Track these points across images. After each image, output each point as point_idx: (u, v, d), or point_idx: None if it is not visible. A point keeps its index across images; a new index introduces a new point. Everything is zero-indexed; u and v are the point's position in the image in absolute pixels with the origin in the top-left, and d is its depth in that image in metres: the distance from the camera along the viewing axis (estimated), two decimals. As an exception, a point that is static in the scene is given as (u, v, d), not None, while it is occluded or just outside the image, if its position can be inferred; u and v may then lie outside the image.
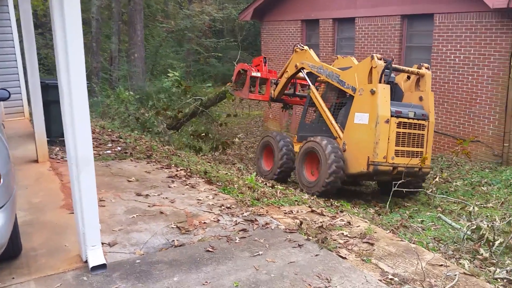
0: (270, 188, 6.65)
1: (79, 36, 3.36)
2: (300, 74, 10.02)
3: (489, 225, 4.76)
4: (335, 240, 4.37)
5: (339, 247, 4.20)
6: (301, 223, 4.70)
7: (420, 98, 8.23)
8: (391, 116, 7.58)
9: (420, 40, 11.50)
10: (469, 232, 4.91)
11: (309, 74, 9.46)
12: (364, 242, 4.35)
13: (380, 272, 3.75)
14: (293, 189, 7.73)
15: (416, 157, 7.84)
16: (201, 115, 13.00)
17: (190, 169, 6.86)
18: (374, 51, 12.46)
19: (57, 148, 7.59)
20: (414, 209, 7.71)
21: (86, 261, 3.73)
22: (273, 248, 4.19)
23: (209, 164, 8.24)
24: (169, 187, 5.98)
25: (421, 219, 6.75)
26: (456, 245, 4.72)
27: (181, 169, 6.85)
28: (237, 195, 5.68)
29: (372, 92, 7.61)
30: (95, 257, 3.66)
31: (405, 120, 7.75)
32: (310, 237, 4.40)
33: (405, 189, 6.68)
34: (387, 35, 12.11)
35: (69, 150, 3.57)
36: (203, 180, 6.36)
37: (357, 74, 8.06)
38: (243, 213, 5.05)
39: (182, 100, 13.86)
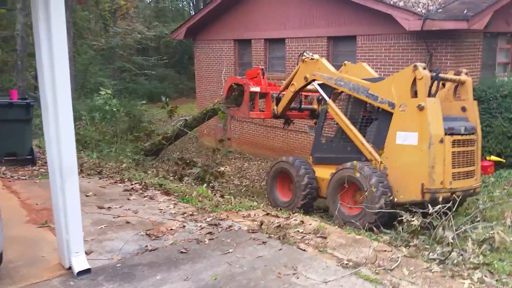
0: (221, 198, 7.08)
1: (64, 55, 3.64)
2: (309, 87, 8.87)
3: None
4: (293, 236, 4.91)
5: (298, 242, 4.74)
6: (261, 223, 5.20)
7: (463, 109, 7.27)
8: (445, 134, 6.58)
9: (345, 59, 12.56)
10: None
11: (323, 86, 8.28)
12: (318, 237, 4.93)
13: (336, 259, 4.34)
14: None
15: (471, 178, 6.94)
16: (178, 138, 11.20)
17: (145, 182, 7.11)
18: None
19: (3, 168, 7.48)
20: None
21: (69, 268, 3.95)
22: (241, 246, 4.63)
23: (162, 178, 8.47)
24: (129, 199, 6.22)
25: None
26: (395, 235, 5.46)
27: (135, 183, 7.09)
28: (197, 204, 6.06)
29: (421, 108, 6.55)
30: (80, 263, 3.90)
31: (459, 137, 6.76)
32: (272, 235, 4.90)
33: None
34: (316, 55, 13.09)
35: (53, 161, 3.81)
36: (160, 192, 6.66)
37: (395, 86, 7.00)
38: (206, 219, 5.44)
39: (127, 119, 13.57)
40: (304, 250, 4.55)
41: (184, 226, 5.22)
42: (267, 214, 5.77)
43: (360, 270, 4.09)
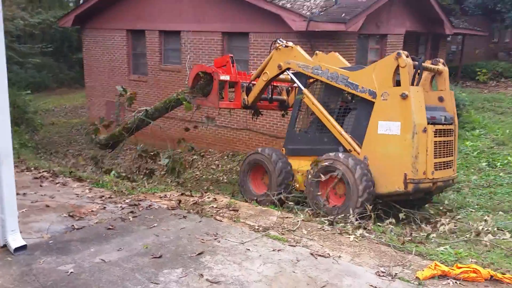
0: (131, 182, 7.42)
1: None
2: (282, 76, 8.62)
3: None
4: (209, 211, 5.55)
5: (214, 215, 5.40)
6: (180, 201, 5.76)
7: (440, 99, 7.23)
8: (428, 123, 6.51)
9: (240, 54, 13.41)
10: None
11: (298, 75, 8.02)
12: (231, 210, 5.64)
13: (249, 226, 5.10)
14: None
15: (450, 168, 6.95)
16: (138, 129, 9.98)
17: (53, 170, 7.17)
18: (200, 62, 13.95)
19: None
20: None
21: (3, 246, 4.14)
22: (164, 221, 5.15)
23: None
24: (41, 186, 6.32)
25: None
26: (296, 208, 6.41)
27: (43, 171, 7.12)
28: (112, 187, 6.38)
29: (404, 97, 6.43)
30: (16, 240, 4.12)
31: (440, 127, 6.72)
32: (190, 211, 5.49)
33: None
34: (211, 49, 13.74)
35: (-13, 145, 3.97)
36: (72, 179, 6.81)
37: (376, 75, 6.84)
38: (125, 200, 5.83)
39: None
40: (221, 220, 5.23)
41: (104, 207, 5.56)
42: (182, 194, 6.32)
43: (269, 232, 4.90)
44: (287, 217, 5.46)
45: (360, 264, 4.24)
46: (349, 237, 4.93)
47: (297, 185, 7.65)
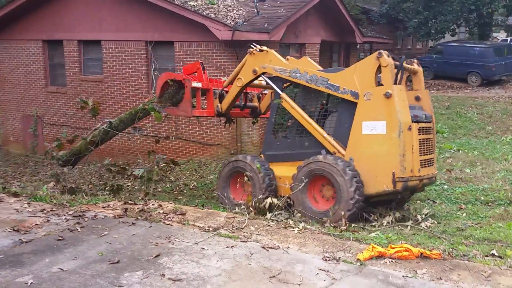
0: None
1: None
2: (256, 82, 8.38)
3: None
4: (156, 216, 5.68)
5: (162, 220, 5.54)
6: (126, 209, 5.81)
7: (417, 98, 7.28)
8: (411, 121, 6.52)
9: (165, 63, 13.49)
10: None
11: (274, 79, 7.89)
12: (178, 214, 5.81)
13: (199, 227, 5.31)
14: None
15: (432, 165, 6.99)
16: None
17: (-18, 187, 6.84)
18: (123, 71, 13.81)
19: None
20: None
21: (-49, 265, 4.00)
22: (113, 229, 5.21)
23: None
24: (-27, 203, 6.03)
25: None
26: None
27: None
28: (51, 200, 6.25)
29: (388, 96, 6.43)
30: (-35, 257, 3.99)
31: (423, 124, 6.78)
32: (138, 218, 5.58)
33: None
34: (135, 58, 13.65)
35: None
36: (6, 194, 6.56)
37: (357, 75, 6.81)
38: (68, 212, 5.77)
39: None
40: (170, 224, 5.39)
41: (48, 220, 5.47)
42: (125, 203, 6.36)
43: (220, 232, 5.16)
44: (234, 217, 5.75)
45: (307, 252, 4.65)
46: (294, 230, 5.33)
47: (280, 192, 7.39)
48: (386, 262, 4.40)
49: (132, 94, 13.71)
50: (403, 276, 4.09)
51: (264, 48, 8.03)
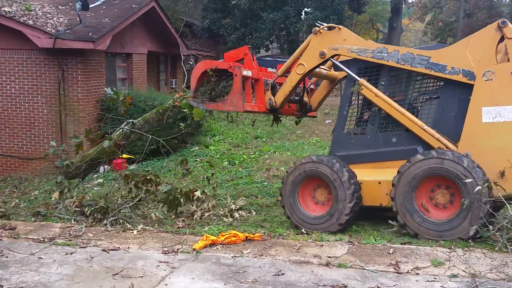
0: None
1: None
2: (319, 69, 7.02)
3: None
4: None
5: None
6: None
7: None
8: None
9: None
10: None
11: (349, 62, 6.57)
12: (7, 229, 5.57)
13: (32, 240, 5.21)
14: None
15: None
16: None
17: None
18: None
19: None
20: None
21: None
22: None
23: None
24: None
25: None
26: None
27: None
28: None
29: None
30: None
31: None
32: None
33: None
34: None
35: None
36: None
37: (471, 51, 5.75)
38: None
39: None
40: (0, 239, 5.17)
41: None
42: None
43: (57, 241, 5.17)
44: (69, 227, 5.75)
45: (147, 249, 5.01)
46: (133, 232, 5.62)
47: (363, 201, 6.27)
48: (218, 248, 5.02)
49: None
50: (232, 257, 4.76)
51: (334, 25, 6.69)
